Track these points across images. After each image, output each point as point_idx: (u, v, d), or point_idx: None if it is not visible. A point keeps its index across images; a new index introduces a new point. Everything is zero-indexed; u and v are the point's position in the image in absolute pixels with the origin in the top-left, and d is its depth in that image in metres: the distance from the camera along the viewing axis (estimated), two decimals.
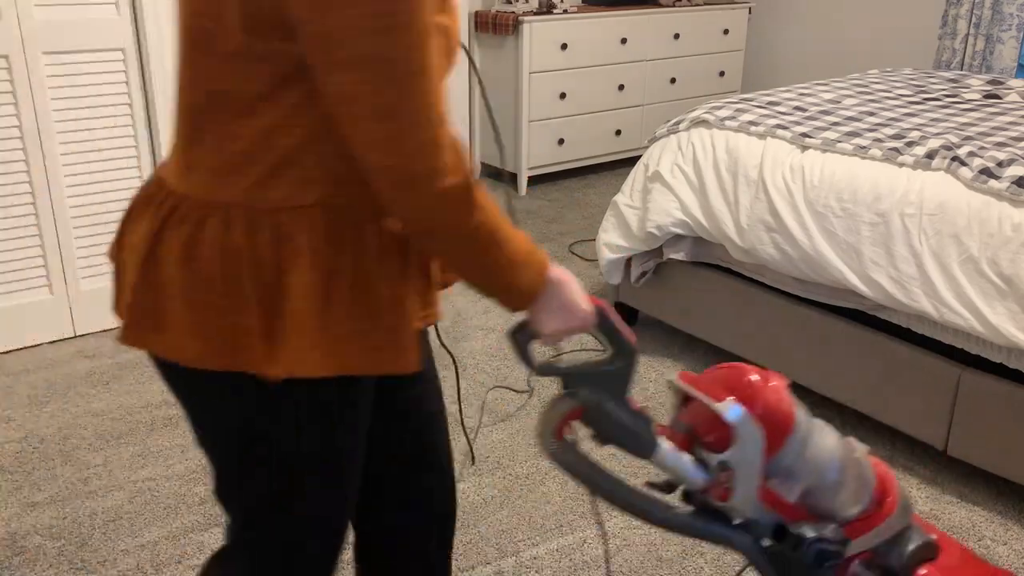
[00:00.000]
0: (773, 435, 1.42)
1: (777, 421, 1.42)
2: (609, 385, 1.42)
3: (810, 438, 1.46)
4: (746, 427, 1.41)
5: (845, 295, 2.42)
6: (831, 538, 1.52)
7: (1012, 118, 2.69)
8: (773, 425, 1.42)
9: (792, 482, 1.48)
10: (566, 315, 1.28)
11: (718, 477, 1.44)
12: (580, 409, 1.39)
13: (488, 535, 2.08)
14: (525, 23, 4.34)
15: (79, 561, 1.98)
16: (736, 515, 1.46)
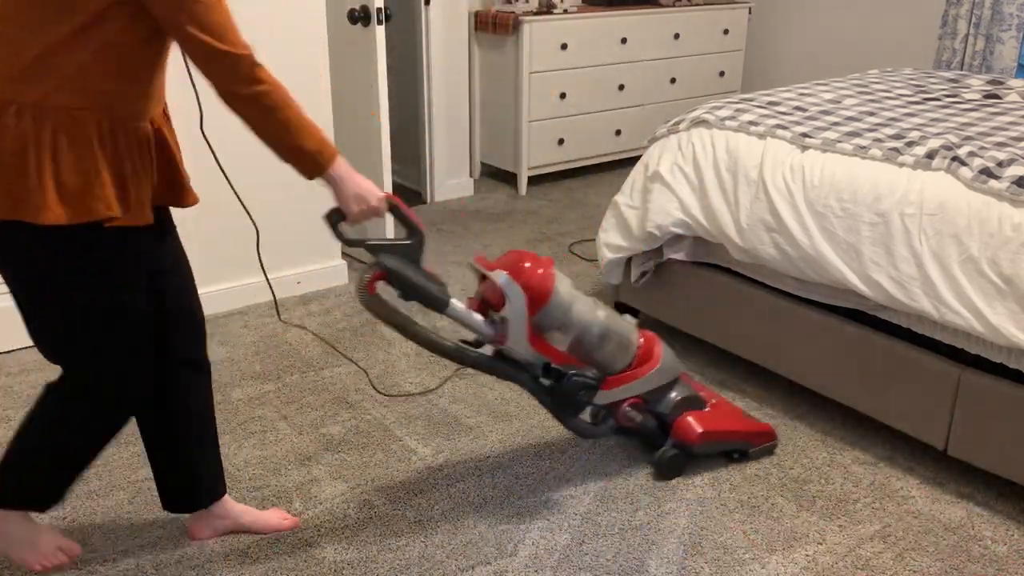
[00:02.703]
0: (535, 297, 2.02)
1: (536, 287, 2.02)
2: (406, 255, 1.94)
3: (574, 305, 2.09)
4: (511, 288, 1.99)
5: (845, 295, 2.42)
6: (589, 376, 2.10)
7: (1012, 118, 2.69)
8: (534, 290, 2.01)
9: (563, 335, 2.09)
10: (362, 200, 1.79)
11: (499, 327, 2.02)
12: (383, 272, 1.91)
13: (488, 535, 2.08)
14: (525, 23, 4.34)
15: (79, 561, 1.98)
16: (512, 355, 2.04)
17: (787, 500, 2.22)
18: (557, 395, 2.10)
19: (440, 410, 2.61)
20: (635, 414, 2.23)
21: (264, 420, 2.55)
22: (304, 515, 2.15)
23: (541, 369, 2.08)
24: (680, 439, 2.27)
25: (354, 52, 3.43)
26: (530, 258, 2.05)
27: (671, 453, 2.27)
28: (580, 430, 2.19)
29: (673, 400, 2.28)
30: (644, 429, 2.27)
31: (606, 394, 2.18)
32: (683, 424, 2.27)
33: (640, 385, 2.21)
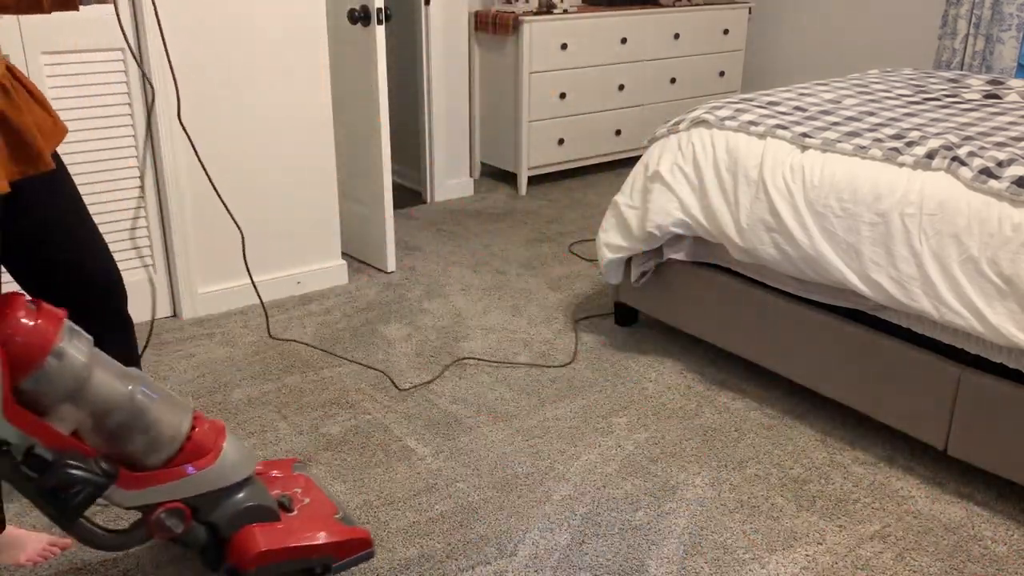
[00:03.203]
0: (23, 356, 1.50)
1: (24, 348, 1.50)
2: None
3: (95, 372, 1.58)
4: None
5: (845, 295, 2.42)
6: (94, 468, 1.58)
7: (1012, 118, 2.69)
8: (20, 346, 1.50)
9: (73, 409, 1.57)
10: None
11: None
12: None
13: (488, 535, 2.08)
14: (525, 23, 4.34)
15: (79, 561, 1.98)
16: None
17: (787, 500, 2.22)
18: (43, 490, 1.57)
19: (440, 410, 2.61)
20: (175, 522, 1.69)
21: (264, 420, 2.55)
22: None
23: (23, 453, 1.54)
24: (235, 561, 1.74)
25: (354, 52, 3.43)
26: (21, 306, 1.55)
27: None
28: (86, 537, 1.66)
29: (235, 508, 1.75)
30: (190, 543, 1.75)
31: (133, 495, 1.66)
32: (241, 541, 1.74)
33: (183, 487, 1.69)
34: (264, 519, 1.79)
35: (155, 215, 3.06)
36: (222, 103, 3.05)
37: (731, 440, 2.48)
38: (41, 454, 1.54)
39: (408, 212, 4.43)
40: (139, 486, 1.65)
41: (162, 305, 3.18)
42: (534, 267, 3.69)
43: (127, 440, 1.63)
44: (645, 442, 2.46)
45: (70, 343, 1.56)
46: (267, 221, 3.28)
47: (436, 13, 4.28)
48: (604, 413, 2.61)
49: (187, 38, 2.93)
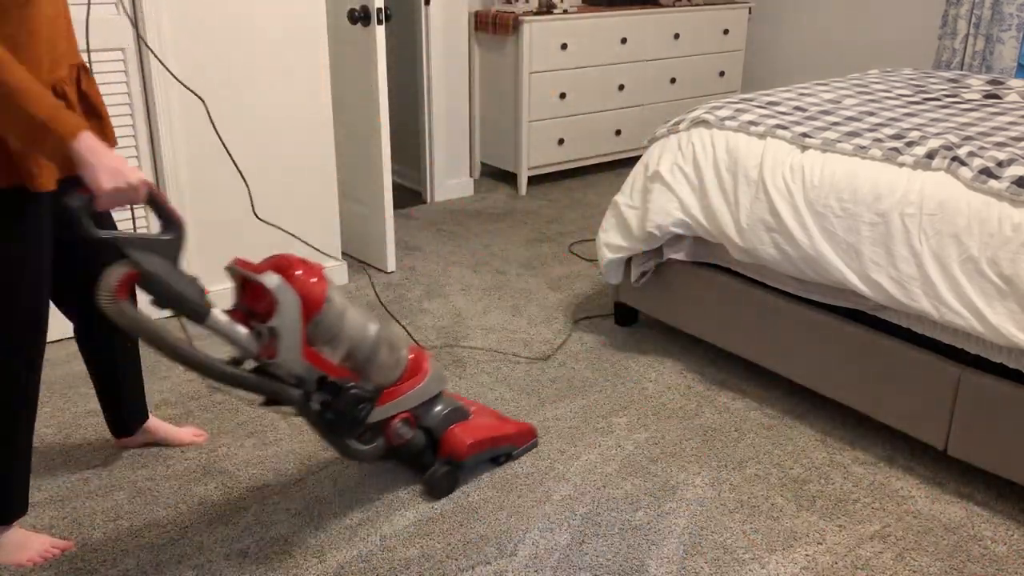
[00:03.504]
0: (308, 303, 1.81)
1: (309, 291, 1.80)
2: (163, 252, 1.67)
3: (346, 314, 1.90)
4: (284, 293, 1.76)
5: (845, 295, 2.42)
6: (368, 389, 1.97)
7: (1012, 118, 2.69)
8: (307, 296, 1.80)
9: (335, 347, 1.91)
10: (117, 178, 1.57)
11: (267, 341, 1.78)
12: (133, 273, 1.65)
13: (488, 535, 2.08)
14: (525, 23, 4.34)
15: (79, 561, 1.98)
16: (282, 371, 1.81)
17: (787, 500, 2.22)
18: (333, 411, 1.92)
19: None
20: (406, 430, 2.11)
21: (264, 420, 2.55)
22: (304, 515, 2.15)
23: (315, 384, 1.88)
24: (449, 454, 2.19)
25: (354, 52, 3.43)
26: (299, 264, 1.85)
27: (443, 471, 2.18)
28: (351, 452, 2.03)
29: (440, 413, 2.19)
30: (413, 446, 2.16)
31: (379, 410, 2.05)
32: (452, 437, 2.19)
33: (411, 398, 2.11)
34: (461, 419, 2.24)
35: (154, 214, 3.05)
36: (222, 103, 3.05)
37: (731, 440, 2.48)
38: (333, 382, 1.90)
39: (408, 212, 4.43)
40: (383, 401, 2.05)
41: None
42: (534, 267, 3.69)
43: (372, 367, 1.99)
44: (645, 442, 2.46)
45: (333, 289, 1.89)
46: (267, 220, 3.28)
47: (436, 13, 4.29)
48: (604, 413, 2.61)
49: (187, 38, 2.93)
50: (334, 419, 1.93)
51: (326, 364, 1.89)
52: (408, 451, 2.18)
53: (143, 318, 1.66)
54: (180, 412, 2.57)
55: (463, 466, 2.22)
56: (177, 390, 2.70)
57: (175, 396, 2.66)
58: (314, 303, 1.83)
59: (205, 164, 3.10)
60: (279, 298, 1.77)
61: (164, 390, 2.69)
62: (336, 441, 2.00)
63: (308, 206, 3.37)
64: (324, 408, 1.91)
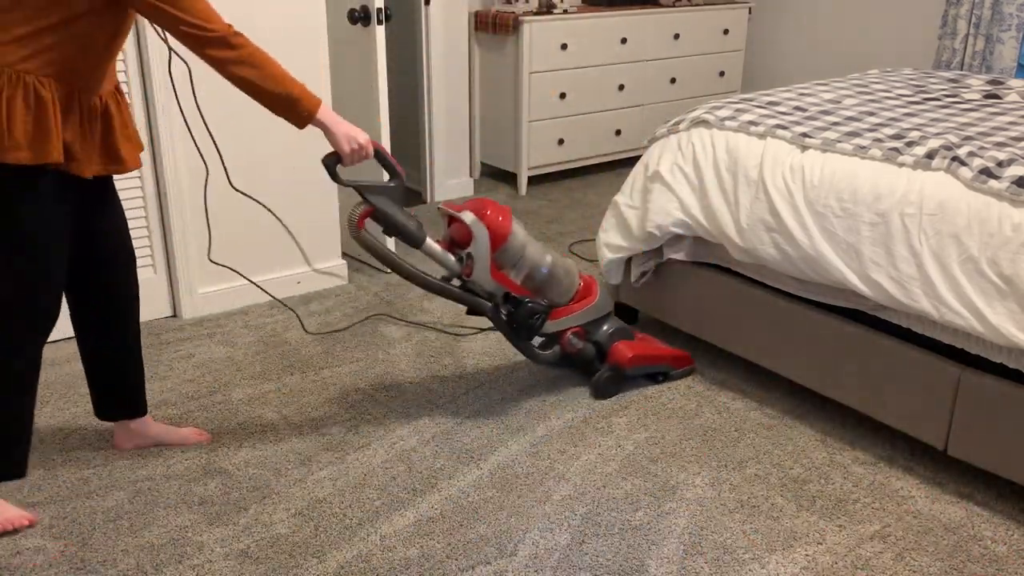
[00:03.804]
0: (496, 236, 2.38)
1: (497, 227, 2.39)
2: (390, 195, 2.27)
3: (528, 245, 2.47)
4: (477, 226, 2.35)
5: (845, 295, 2.42)
6: (541, 304, 2.49)
7: (1012, 118, 2.69)
8: (495, 230, 2.38)
9: (518, 271, 2.47)
10: (352, 140, 2.07)
11: (466, 262, 2.37)
12: (370, 209, 2.24)
13: (488, 535, 2.08)
14: (525, 23, 4.34)
15: (79, 561, 1.98)
16: (477, 287, 2.40)
17: (787, 500, 2.22)
18: (515, 320, 2.45)
19: (440, 410, 2.61)
20: (577, 341, 2.60)
21: (264, 420, 2.55)
22: (304, 515, 2.15)
23: (502, 298, 2.43)
24: (615, 362, 2.64)
25: (354, 52, 3.43)
26: (491, 205, 2.40)
27: (607, 374, 2.64)
28: (533, 355, 2.56)
29: (607, 331, 2.66)
30: (584, 355, 2.64)
31: (554, 323, 2.55)
32: (616, 349, 2.64)
33: (581, 316, 2.60)
34: (627, 338, 2.70)
35: (155, 215, 3.06)
36: (222, 103, 3.05)
37: (731, 440, 2.48)
38: (515, 297, 2.45)
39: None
40: (557, 317, 2.56)
41: (162, 305, 3.18)
42: None
43: (548, 289, 2.52)
44: (645, 442, 2.46)
45: (518, 226, 2.45)
46: (267, 221, 3.28)
47: (436, 13, 4.29)
48: (604, 413, 2.61)
49: None
50: (515, 325, 2.47)
51: (511, 283, 2.45)
52: (580, 359, 2.65)
53: (377, 242, 2.28)
54: (180, 412, 2.58)
55: (625, 373, 2.65)
56: (177, 390, 2.70)
57: (175, 396, 2.66)
58: (500, 236, 2.38)
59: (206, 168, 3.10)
60: (473, 230, 2.34)
61: (164, 390, 2.69)
62: (518, 343, 2.52)
63: (308, 206, 3.37)
64: (509, 317, 2.45)
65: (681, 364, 2.77)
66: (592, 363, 2.67)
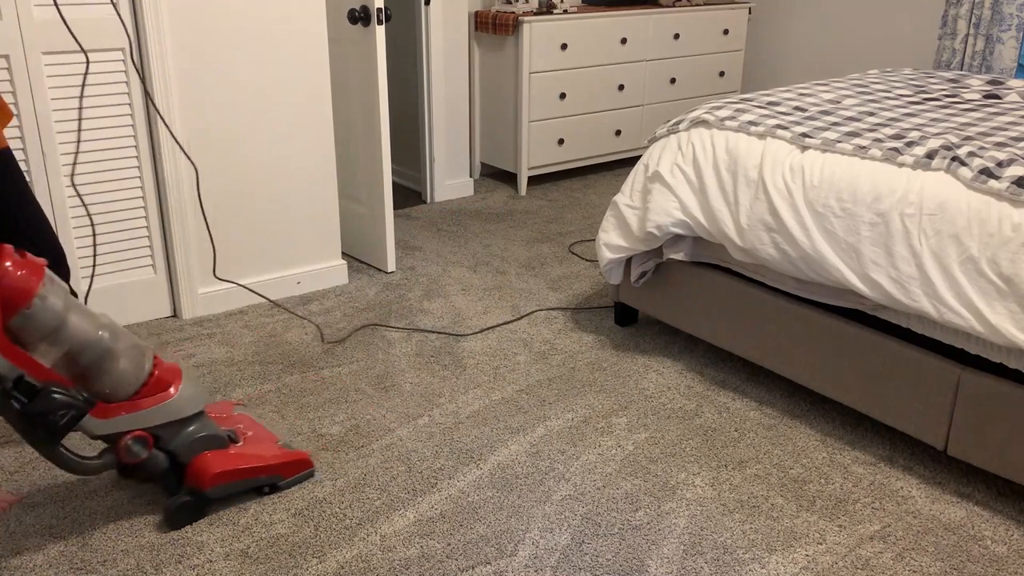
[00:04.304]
0: (12, 296, 1.77)
1: (12, 286, 1.77)
2: None
3: (70, 315, 1.86)
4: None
5: (845, 295, 2.42)
6: (76, 396, 1.85)
7: (1012, 118, 2.69)
8: (8, 289, 1.77)
9: (51, 347, 1.84)
10: None
11: None
12: None
13: (488, 535, 2.08)
14: (525, 23, 4.34)
15: (79, 561, 1.98)
16: None
17: (787, 500, 2.22)
18: (31, 414, 1.82)
19: (440, 409, 2.61)
20: (139, 449, 1.99)
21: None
22: (304, 515, 2.15)
23: (13, 383, 1.80)
24: (193, 483, 2.07)
25: (354, 52, 3.43)
26: (11, 255, 1.82)
27: (182, 500, 2.06)
28: (64, 462, 1.91)
29: (190, 437, 2.06)
30: (151, 469, 2.04)
31: (103, 423, 1.95)
32: (197, 465, 2.06)
33: (145, 417, 1.98)
34: (216, 447, 2.10)
35: (155, 215, 3.06)
36: (222, 103, 3.05)
37: (731, 440, 2.48)
38: (31, 381, 1.80)
39: (408, 212, 4.43)
40: (108, 415, 1.94)
41: (162, 305, 3.18)
42: (534, 267, 3.69)
43: (97, 376, 1.91)
44: (645, 442, 2.46)
45: (51, 289, 1.83)
46: (267, 221, 3.29)
47: (436, 13, 4.29)
48: (604, 413, 2.61)
49: (187, 38, 2.93)
50: (30, 422, 1.83)
51: (31, 363, 1.81)
52: (145, 472, 2.04)
53: None
54: None
55: (207, 496, 2.08)
56: None
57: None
58: (18, 297, 1.78)
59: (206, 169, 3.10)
60: None
61: None
62: (39, 447, 1.88)
63: (308, 206, 3.37)
64: (21, 410, 1.81)
65: (292, 472, 2.24)
66: (166, 480, 2.08)
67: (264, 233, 3.29)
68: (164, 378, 2.02)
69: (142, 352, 2.00)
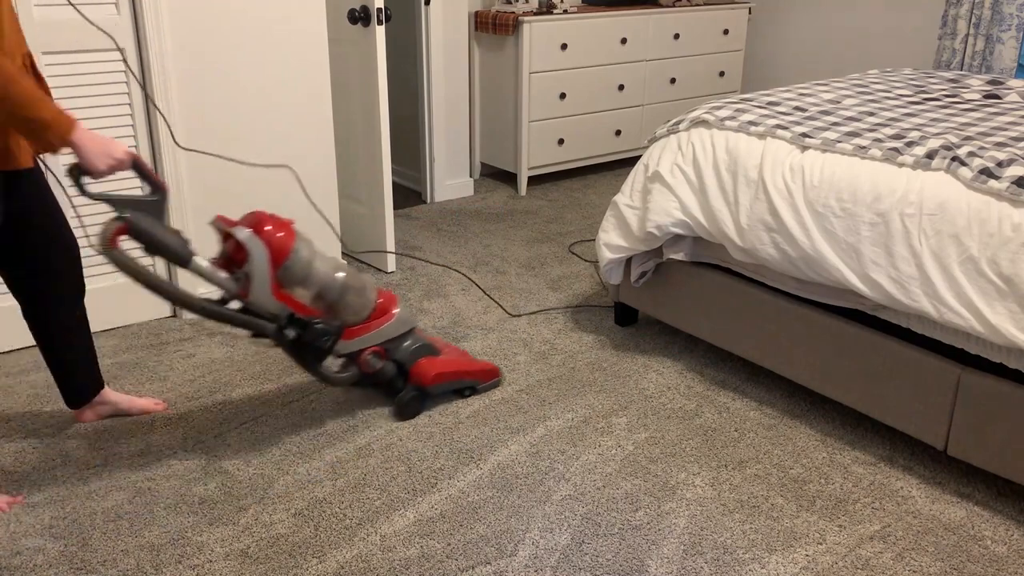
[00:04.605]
0: (276, 252, 2.20)
1: (277, 243, 2.20)
2: (149, 210, 2.07)
3: (315, 261, 2.29)
4: (252, 243, 2.16)
5: (845, 295, 2.42)
6: (332, 325, 2.33)
7: (1012, 118, 2.69)
8: (274, 245, 2.19)
9: (305, 289, 2.29)
10: (107, 158, 1.97)
11: (242, 282, 2.19)
12: (124, 226, 2.04)
13: (488, 535, 2.08)
14: (525, 23, 4.34)
15: (79, 561, 1.98)
16: (257, 307, 2.21)
17: (787, 500, 2.22)
18: (302, 343, 2.30)
19: (440, 409, 2.61)
20: (376, 361, 2.48)
21: (264, 420, 2.55)
22: (304, 515, 2.15)
23: (286, 319, 2.26)
24: (417, 382, 2.56)
25: (354, 52, 3.43)
26: (270, 219, 2.23)
27: (410, 395, 2.55)
28: (325, 377, 2.41)
29: (409, 348, 2.55)
30: (384, 375, 2.52)
31: (349, 344, 2.43)
32: (419, 368, 2.55)
33: (379, 335, 2.48)
34: (430, 354, 2.60)
35: None
36: (222, 103, 3.05)
37: (731, 440, 2.48)
38: (299, 317, 2.27)
39: (408, 212, 4.43)
40: (352, 336, 2.43)
41: (162, 305, 3.18)
42: (534, 267, 3.69)
43: (341, 308, 2.38)
44: (645, 442, 2.46)
45: (301, 244, 2.25)
46: None
47: (436, 13, 4.29)
48: (604, 413, 2.61)
49: (187, 38, 2.93)
50: (303, 348, 2.31)
51: (296, 303, 2.28)
52: (380, 378, 2.52)
53: (133, 263, 2.06)
54: (180, 412, 2.58)
55: (428, 392, 2.57)
56: (177, 390, 2.70)
57: (175, 396, 2.66)
58: (280, 252, 2.21)
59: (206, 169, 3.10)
60: (249, 247, 2.16)
61: (165, 390, 2.69)
62: (309, 366, 2.36)
63: (308, 206, 3.37)
64: (295, 339, 2.28)
65: (488, 378, 2.70)
66: (394, 383, 2.56)
67: None
68: (386, 305, 2.50)
69: (369, 286, 2.47)
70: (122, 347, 2.96)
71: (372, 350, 2.47)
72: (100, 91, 2.83)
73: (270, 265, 2.20)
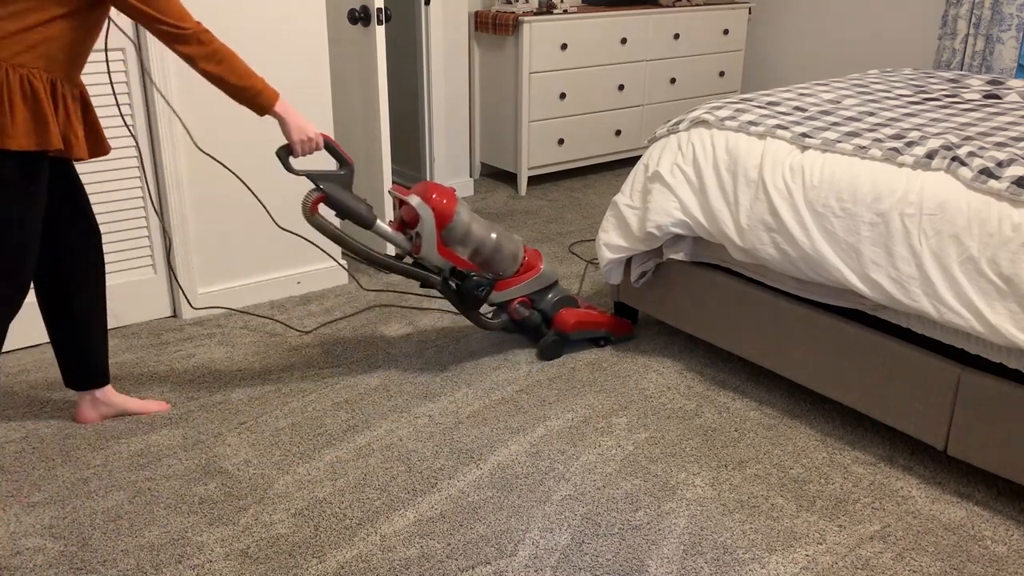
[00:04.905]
0: (440, 216, 2.62)
1: (441, 208, 2.62)
2: (341, 182, 2.48)
3: (473, 224, 2.70)
4: (423, 208, 2.59)
5: (845, 295, 2.42)
6: (486, 277, 2.75)
7: (1012, 118, 2.69)
8: (439, 210, 2.62)
9: (464, 247, 2.70)
10: (302, 132, 2.29)
11: (415, 241, 2.62)
12: (322, 195, 2.46)
13: (488, 535, 2.08)
14: (525, 23, 4.34)
15: (79, 561, 1.98)
16: (426, 262, 2.66)
17: (787, 500, 2.22)
18: (461, 292, 2.72)
19: (440, 409, 2.61)
20: (524, 310, 2.85)
21: (264, 420, 2.55)
22: (304, 515, 2.15)
23: (449, 272, 2.69)
24: (559, 328, 2.90)
25: (354, 52, 3.43)
26: (436, 189, 2.64)
27: (552, 339, 2.90)
28: (481, 322, 2.83)
29: (552, 299, 2.91)
30: (530, 322, 2.88)
31: (500, 294, 2.80)
32: (560, 316, 2.90)
33: (526, 287, 2.85)
34: (570, 305, 2.95)
35: (155, 215, 3.06)
36: (222, 103, 3.05)
37: (731, 440, 2.48)
38: (460, 271, 2.71)
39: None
40: (503, 288, 2.81)
41: (162, 305, 3.18)
42: None
43: (494, 262, 2.76)
44: (645, 442, 2.46)
45: (461, 208, 2.67)
46: (268, 221, 3.28)
47: (436, 13, 4.29)
48: (604, 413, 2.61)
49: None
50: (463, 297, 2.73)
51: (457, 259, 2.69)
52: (526, 325, 2.89)
53: (331, 225, 2.49)
54: (180, 412, 2.58)
55: (568, 338, 2.91)
56: (177, 390, 2.70)
57: (175, 396, 2.66)
58: (444, 216, 2.62)
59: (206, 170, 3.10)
60: (420, 212, 2.58)
61: (165, 390, 2.69)
62: (467, 313, 2.78)
63: None
64: (457, 289, 2.73)
65: (622, 331, 3.02)
66: (538, 329, 2.90)
67: (264, 233, 3.30)
68: (532, 261, 2.87)
69: (518, 244, 2.82)
70: (122, 347, 2.96)
71: (520, 300, 2.84)
72: (100, 91, 2.83)
73: (436, 227, 2.60)
